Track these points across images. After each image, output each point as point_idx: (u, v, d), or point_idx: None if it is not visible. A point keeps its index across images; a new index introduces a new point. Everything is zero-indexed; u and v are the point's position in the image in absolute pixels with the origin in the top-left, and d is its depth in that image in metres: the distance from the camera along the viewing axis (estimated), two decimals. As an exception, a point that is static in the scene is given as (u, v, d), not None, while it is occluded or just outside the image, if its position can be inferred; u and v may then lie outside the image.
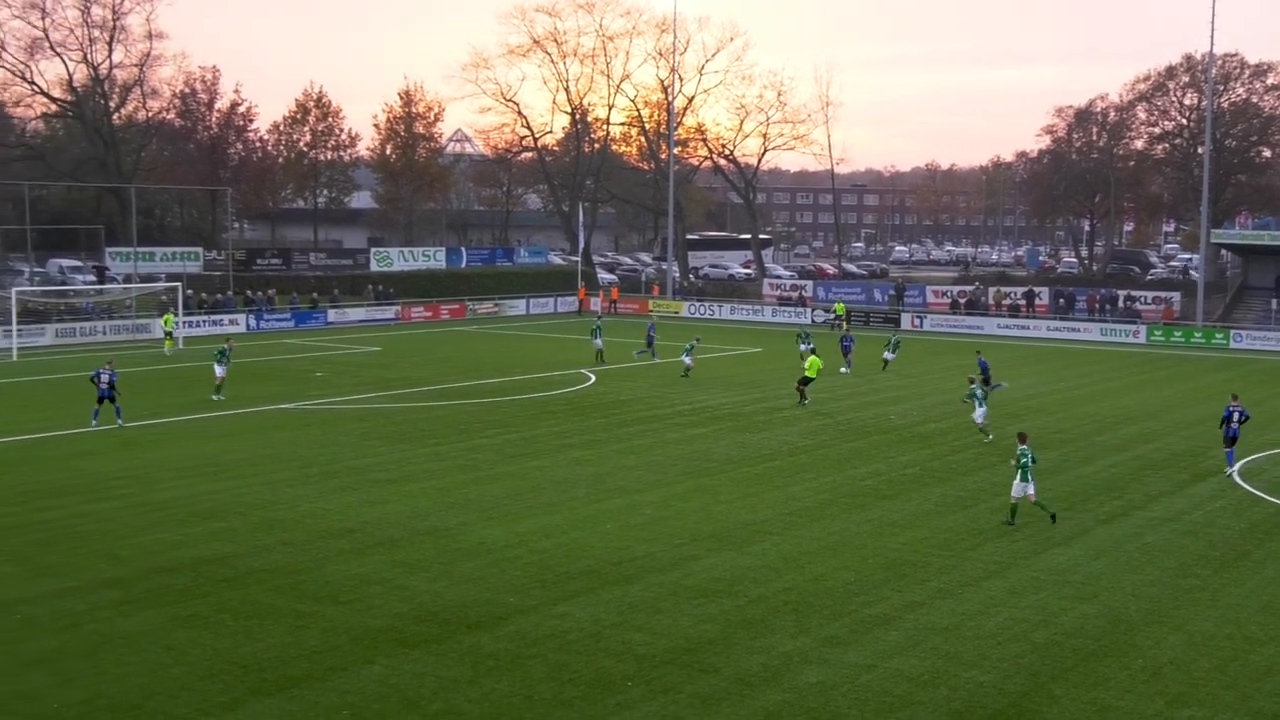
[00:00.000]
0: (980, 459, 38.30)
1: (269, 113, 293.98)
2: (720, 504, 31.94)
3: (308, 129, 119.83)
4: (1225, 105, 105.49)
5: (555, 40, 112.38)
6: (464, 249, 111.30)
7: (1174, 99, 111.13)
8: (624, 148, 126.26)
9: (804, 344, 58.51)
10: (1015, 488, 29.95)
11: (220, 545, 27.31)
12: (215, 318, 76.38)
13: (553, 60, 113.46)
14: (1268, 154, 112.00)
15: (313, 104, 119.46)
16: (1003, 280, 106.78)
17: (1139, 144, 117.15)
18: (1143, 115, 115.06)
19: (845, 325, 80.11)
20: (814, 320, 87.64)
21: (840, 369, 57.80)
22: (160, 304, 73.79)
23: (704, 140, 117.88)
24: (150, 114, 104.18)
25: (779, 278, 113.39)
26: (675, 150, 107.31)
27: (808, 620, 22.74)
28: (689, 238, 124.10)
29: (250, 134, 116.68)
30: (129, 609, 22.92)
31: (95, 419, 41.60)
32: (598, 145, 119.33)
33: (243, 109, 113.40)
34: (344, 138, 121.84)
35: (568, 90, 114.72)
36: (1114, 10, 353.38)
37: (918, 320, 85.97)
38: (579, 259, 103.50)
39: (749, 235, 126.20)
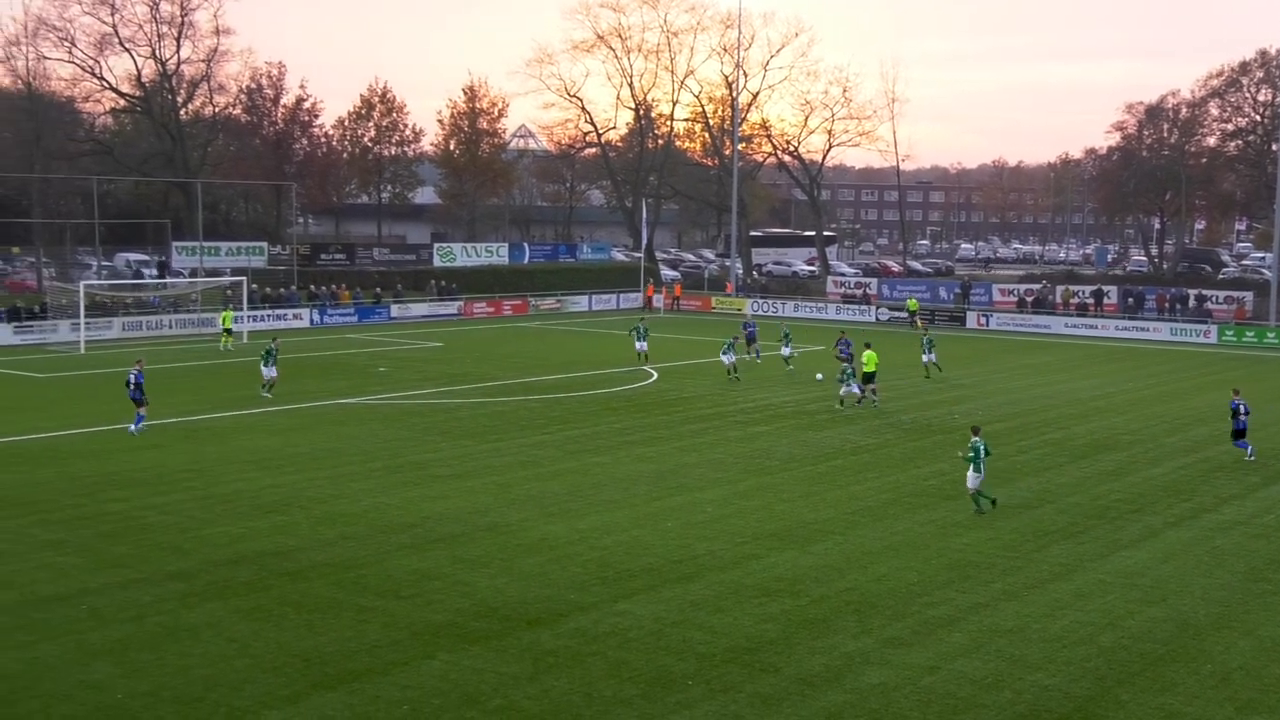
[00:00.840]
0: (1046, 459, 37.97)
1: (334, 108, 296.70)
2: (782, 502, 31.87)
3: (372, 124, 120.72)
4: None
5: (619, 35, 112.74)
6: (527, 245, 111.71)
7: (1247, 95, 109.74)
8: (688, 144, 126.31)
9: (785, 346, 57.98)
10: (970, 479, 30.81)
11: (283, 539, 27.58)
12: (279, 312, 77.09)
13: (617, 56, 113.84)
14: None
15: (377, 100, 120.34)
16: (1071, 279, 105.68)
17: (1211, 141, 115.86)
18: (1215, 112, 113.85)
19: (920, 322, 79.94)
20: (878, 319, 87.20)
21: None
22: (225, 298, 74.53)
23: (768, 136, 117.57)
24: (217, 109, 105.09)
25: (843, 275, 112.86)
26: (739, 146, 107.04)
27: (870, 621, 22.64)
28: (752, 234, 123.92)
29: (315, 129, 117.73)
30: (193, 601, 23.19)
31: (137, 426, 39.92)
32: (661, 141, 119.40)
33: (308, 105, 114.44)
34: (408, 133, 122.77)
35: (631, 86, 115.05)
36: (1186, 5, 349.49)
37: (984, 319, 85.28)
38: (642, 255, 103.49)
39: (813, 232, 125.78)
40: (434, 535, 28.05)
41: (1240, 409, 38.44)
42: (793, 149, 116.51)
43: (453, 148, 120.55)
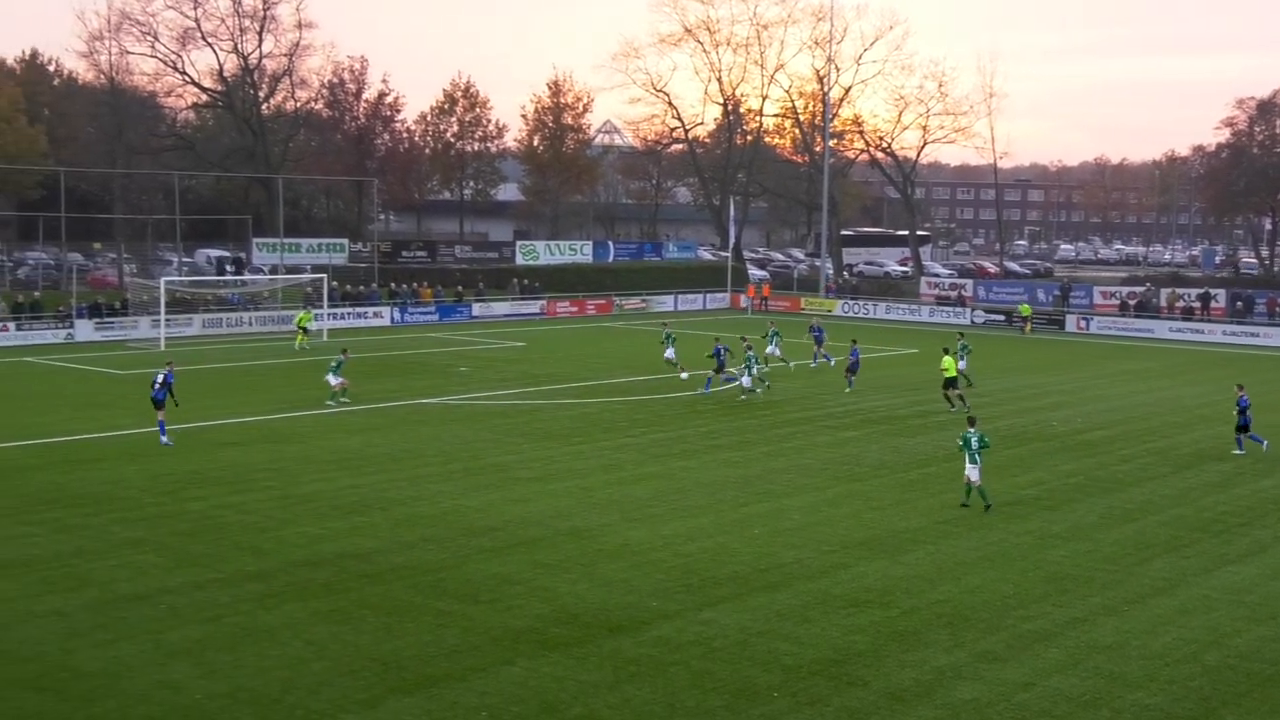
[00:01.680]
0: (1149, 469, 37.47)
1: (416, 103, 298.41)
2: (872, 510, 31.70)
3: (455, 120, 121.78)
4: None
5: (708, 29, 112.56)
6: (611, 243, 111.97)
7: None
8: (777, 140, 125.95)
9: (772, 345, 57.20)
10: (968, 470, 31.65)
11: (362, 540, 27.85)
12: (359, 310, 77.85)
13: (705, 49, 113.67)
14: None
15: (460, 94, 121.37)
16: (1176, 281, 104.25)
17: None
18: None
19: (1029, 327, 79.40)
20: (973, 322, 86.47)
21: None
22: (305, 296, 75.37)
23: (860, 132, 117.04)
24: (298, 104, 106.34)
25: (937, 276, 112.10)
26: (830, 143, 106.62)
27: (962, 634, 22.46)
28: (843, 233, 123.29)
29: (397, 125, 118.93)
30: (271, 602, 23.48)
31: (163, 433, 38.50)
32: (750, 137, 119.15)
33: (390, 99, 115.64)
34: (491, 129, 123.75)
35: (720, 80, 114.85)
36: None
37: (1084, 322, 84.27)
38: (729, 254, 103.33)
39: (906, 231, 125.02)
40: (514, 539, 28.20)
41: (1245, 405, 40.31)
42: (886, 145, 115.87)
43: (536, 143, 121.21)
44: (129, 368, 56.40)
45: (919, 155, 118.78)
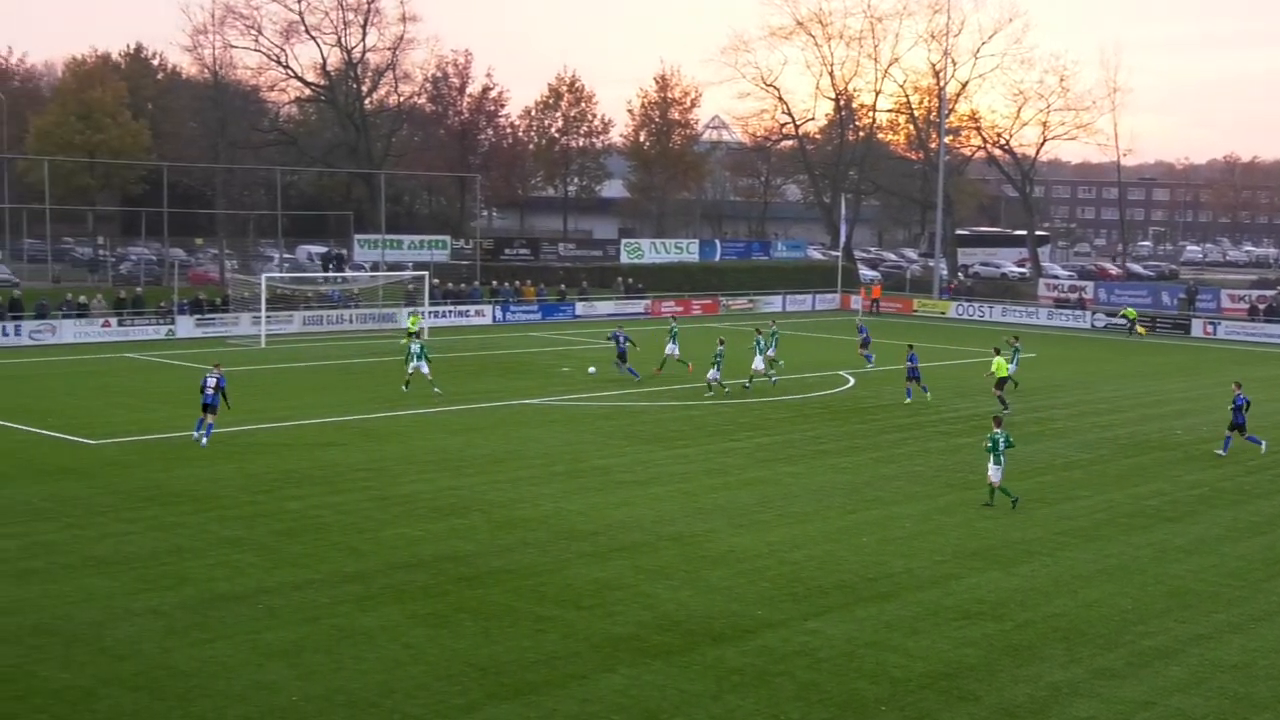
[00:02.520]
0: (1279, 481, 36.73)
1: (520, 98, 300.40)
2: (985, 519, 31.38)
3: (560, 115, 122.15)
4: None
5: (820, 21, 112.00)
6: (718, 241, 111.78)
7: None
8: (891, 136, 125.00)
9: (771, 349, 55.95)
10: (990, 471, 32.23)
11: (460, 543, 28.06)
12: (461, 308, 78.50)
13: (816, 43, 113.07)
14: None
15: (565, 89, 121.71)
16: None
17: None
18: None
19: (1138, 329, 78.24)
20: (1093, 325, 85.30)
21: None
22: (407, 293, 76.11)
23: (978, 129, 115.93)
24: (401, 99, 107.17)
25: (1056, 278, 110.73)
26: (946, 139, 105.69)
27: (1079, 649, 22.17)
28: (959, 233, 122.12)
29: (501, 120, 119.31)
30: (369, 604, 23.73)
31: (200, 430, 38.61)
32: (862, 133, 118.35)
33: (494, 94, 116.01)
34: (596, 124, 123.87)
35: (832, 75, 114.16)
36: None
37: (1210, 327, 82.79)
38: (839, 254, 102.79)
39: (1024, 231, 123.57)
40: (616, 544, 28.27)
41: (1244, 404, 40.35)
42: (1004, 142, 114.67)
43: (642, 139, 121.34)
44: (229, 364, 57.10)
45: (1038, 152, 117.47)
